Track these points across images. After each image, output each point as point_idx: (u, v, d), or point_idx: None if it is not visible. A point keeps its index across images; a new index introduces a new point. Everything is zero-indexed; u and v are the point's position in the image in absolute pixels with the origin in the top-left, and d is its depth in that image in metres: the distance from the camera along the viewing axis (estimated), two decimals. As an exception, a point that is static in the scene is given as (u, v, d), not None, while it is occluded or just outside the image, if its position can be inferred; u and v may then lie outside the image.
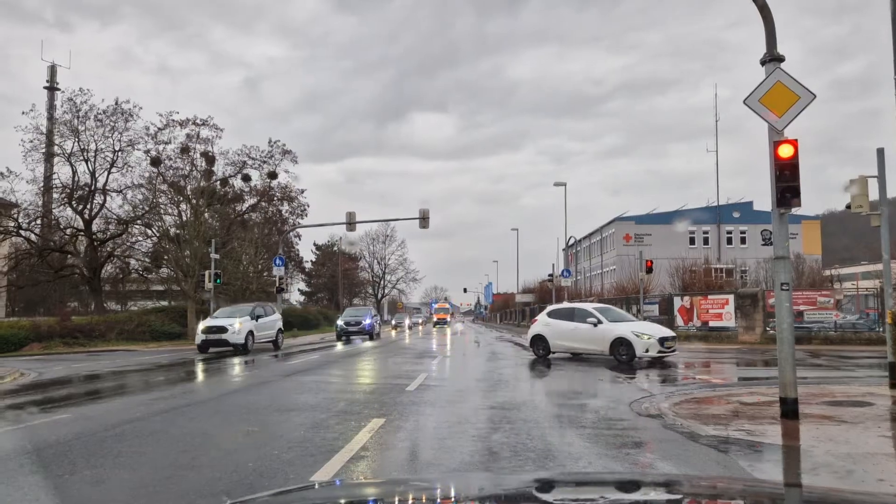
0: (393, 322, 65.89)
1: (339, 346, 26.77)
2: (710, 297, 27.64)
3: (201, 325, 22.90)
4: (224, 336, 21.88)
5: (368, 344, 28.43)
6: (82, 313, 33.63)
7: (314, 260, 73.74)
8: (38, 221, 35.54)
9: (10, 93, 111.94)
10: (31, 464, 5.87)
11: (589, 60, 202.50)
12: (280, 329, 25.90)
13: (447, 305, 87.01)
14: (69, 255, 35.44)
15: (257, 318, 23.62)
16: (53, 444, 6.59)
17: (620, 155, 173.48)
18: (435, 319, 73.73)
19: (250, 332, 22.57)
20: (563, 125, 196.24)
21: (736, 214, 55.51)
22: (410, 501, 1.86)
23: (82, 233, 35.35)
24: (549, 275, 40.12)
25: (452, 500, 1.85)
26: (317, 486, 3.15)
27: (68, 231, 35.91)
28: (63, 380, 14.22)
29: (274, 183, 42.53)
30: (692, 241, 54.43)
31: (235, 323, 22.26)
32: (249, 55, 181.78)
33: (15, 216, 33.42)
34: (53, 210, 35.66)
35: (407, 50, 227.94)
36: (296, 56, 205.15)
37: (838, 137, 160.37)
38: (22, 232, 34.07)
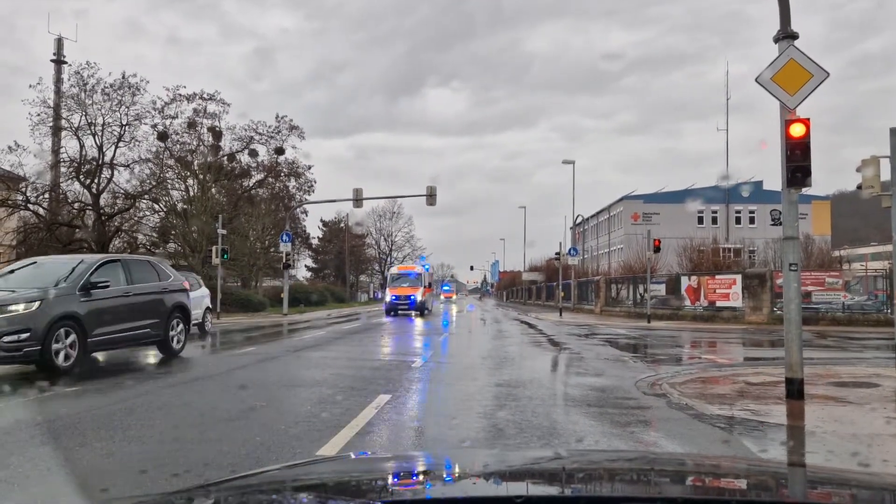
0: None
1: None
2: (717, 276, 27.56)
3: None
4: None
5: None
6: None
7: (321, 236, 73.88)
8: (46, 195, 35.61)
9: (16, 64, 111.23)
10: (41, 435, 5.93)
11: (606, 35, 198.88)
12: (209, 307, 19.54)
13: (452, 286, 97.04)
14: (77, 230, 35.57)
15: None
16: (63, 417, 6.65)
17: (635, 132, 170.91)
18: (442, 298, 79.02)
19: None
20: (578, 101, 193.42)
21: (745, 194, 55.14)
22: (415, 476, 1.86)
23: (90, 207, 35.45)
24: (556, 253, 40.06)
25: (457, 475, 1.86)
26: (322, 461, 3.17)
27: (76, 205, 36.01)
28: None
29: (281, 158, 42.49)
30: (700, 220, 54.17)
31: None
32: (262, 26, 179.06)
33: (23, 190, 33.50)
34: (61, 184, 35.72)
35: (421, 22, 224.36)
36: (308, 27, 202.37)
37: (858, 116, 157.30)
38: (30, 206, 34.17)
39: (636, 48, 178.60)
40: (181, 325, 12.60)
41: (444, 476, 1.86)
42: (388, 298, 35.52)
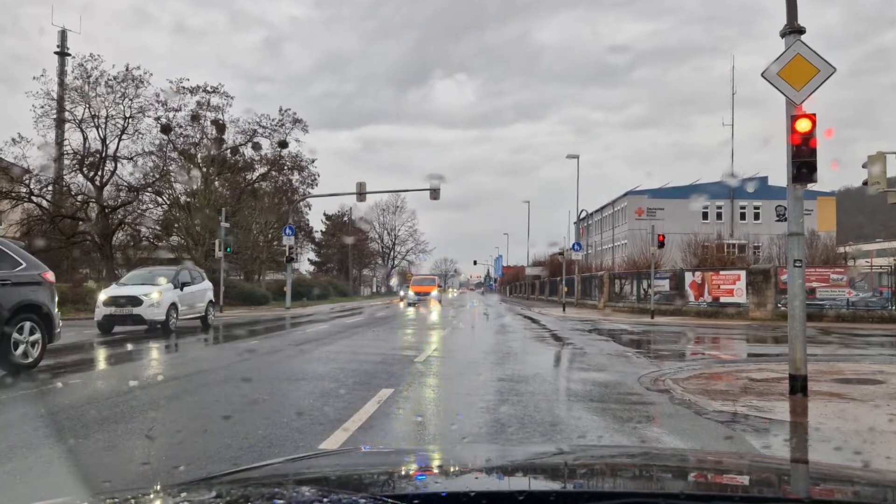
0: (401, 294, 65.22)
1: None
2: (721, 272, 27.50)
3: (102, 296, 16.92)
4: (137, 310, 16.44)
5: None
6: (94, 280, 33.93)
7: (324, 230, 73.93)
8: (50, 187, 35.69)
9: (21, 54, 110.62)
10: (45, 427, 5.96)
11: (619, 26, 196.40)
12: (212, 301, 20.18)
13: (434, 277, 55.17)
14: (81, 222, 35.66)
15: (182, 285, 18.12)
16: (66, 409, 6.67)
17: (645, 126, 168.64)
18: (411, 295, 41.84)
19: (173, 305, 17.12)
20: (588, 94, 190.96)
21: (750, 190, 54.91)
22: (417, 471, 1.86)
23: (93, 200, 35.53)
24: (560, 250, 40.05)
25: (459, 470, 1.85)
26: (325, 454, 3.17)
27: (80, 198, 36.08)
28: (75, 345, 14.38)
29: (284, 152, 42.51)
30: (705, 215, 54.07)
31: (153, 293, 16.82)
32: (271, 14, 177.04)
33: (27, 182, 33.58)
34: (65, 176, 35.80)
35: (433, 10, 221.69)
36: (318, 16, 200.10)
37: (872, 110, 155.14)
38: (34, 198, 34.24)
39: (650, 39, 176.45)
40: (36, 333, 9.47)
41: (447, 471, 1.85)
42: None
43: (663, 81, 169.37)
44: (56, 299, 10.26)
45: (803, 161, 7.35)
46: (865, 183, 10.56)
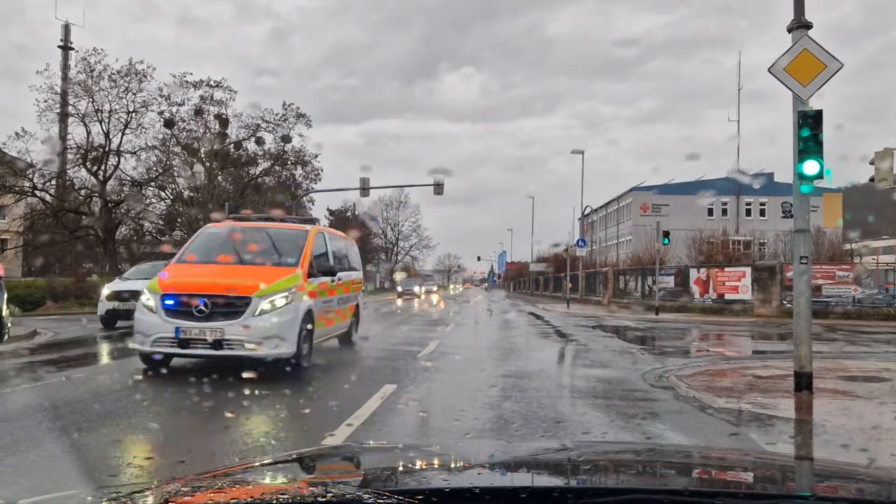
0: (399, 289, 63.84)
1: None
2: (726, 269, 27.41)
3: (105, 290, 16.79)
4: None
5: None
6: (97, 274, 34.00)
7: (327, 225, 73.97)
8: (53, 182, 35.75)
9: (25, 47, 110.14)
10: (48, 420, 5.96)
11: (631, 17, 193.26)
12: None
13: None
14: (84, 216, 35.70)
15: None
16: (70, 402, 6.68)
17: (656, 120, 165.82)
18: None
19: None
20: (599, 87, 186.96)
21: (756, 186, 54.69)
22: (421, 466, 1.85)
23: (97, 194, 35.57)
24: (566, 249, 39.96)
25: (462, 466, 1.84)
26: (328, 450, 3.17)
27: (83, 192, 36.14)
28: (78, 339, 14.42)
29: (288, 147, 42.43)
30: (710, 212, 53.89)
31: None
32: (278, 5, 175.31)
33: (30, 176, 33.62)
34: (68, 171, 35.83)
35: (442, 1, 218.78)
36: (326, 6, 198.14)
37: (886, 105, 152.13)
38: (37, 192, 34.30)
39: (662, 31, 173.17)
40: None
41: (450, 466, 1.84)
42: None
43: (674, 74, 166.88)
44: (5, 296, 9.25)
45: (810, 157, 7.30)
46: (872, 179, 10.50)
